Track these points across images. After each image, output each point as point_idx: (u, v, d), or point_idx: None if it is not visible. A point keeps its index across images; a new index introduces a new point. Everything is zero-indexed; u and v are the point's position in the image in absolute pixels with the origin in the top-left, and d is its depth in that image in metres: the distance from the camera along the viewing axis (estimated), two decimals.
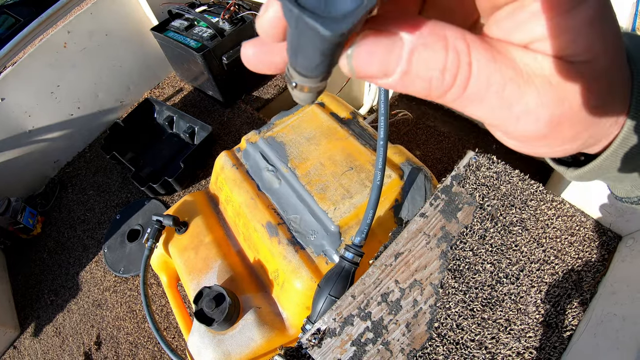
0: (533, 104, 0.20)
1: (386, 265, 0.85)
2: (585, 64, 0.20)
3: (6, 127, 2.58)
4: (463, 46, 0.19)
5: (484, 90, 0.19)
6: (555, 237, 0.86)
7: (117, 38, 2.91)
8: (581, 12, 0.19)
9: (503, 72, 0.19)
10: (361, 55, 0.20)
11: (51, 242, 2.68)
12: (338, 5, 0.18)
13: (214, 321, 1.17)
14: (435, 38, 0.19)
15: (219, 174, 1.57)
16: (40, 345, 2.32)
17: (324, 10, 0.18)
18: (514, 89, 0.19)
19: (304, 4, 0.18)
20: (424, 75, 0.19)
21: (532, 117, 0.20)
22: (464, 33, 0.19)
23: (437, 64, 0.19)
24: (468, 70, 0.19)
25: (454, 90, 0.20)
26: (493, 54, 0.20)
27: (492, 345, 0.78)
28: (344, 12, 0.18)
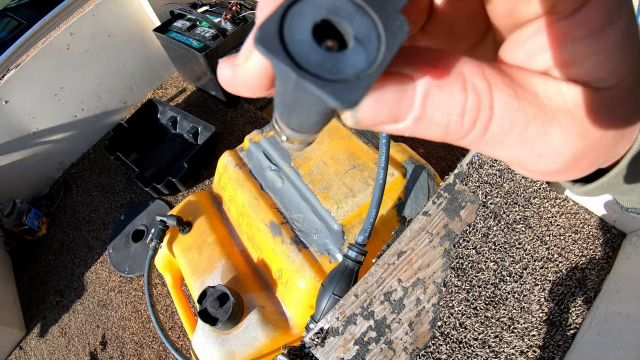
0: (556, 141, 0.18)
1: (389, 264, 0.85)
2: (610, 90, 0.18)
3: (10, 129, 2.59)
4: (484, 85, 0.17)
5: (506, 132, 0.18)
6: (559, 235, 0.86)
7: (119, 39, 2.92)
8: (612, 32, 0.17)
9: (527, 111, 0.17)
10: (368, 107, 0.17)
11: (56, 243, 2.70)
12: (348, 62, 0.15)
13: (218, 320, 1.17)
14: (452, 78, 0.17)
15: (222, 174, 1.57)
16: (46, 346, 2.33)
17: (331, 70, 0.15)
18: (537, 127, 0.18)
19: (305, 62, 0.15)
20: (440, 120, 0.17)
21: (554, 155, 0.19)
22: (482, 68, 0.17)
23: (455, 107, 0.17)
24: (489, 112, 0.17)
25: (472, 135, 0.18)
26: (516, 90, 0.17)
27: (495, 344, 0.77)
28: (355, 71, 0.15)
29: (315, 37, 0.15)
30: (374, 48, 0.15)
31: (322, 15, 0.15)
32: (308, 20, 0.15)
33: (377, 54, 0.15)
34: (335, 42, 0.16)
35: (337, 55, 0.15)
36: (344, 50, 0.15)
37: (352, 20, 0.15)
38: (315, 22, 0.15)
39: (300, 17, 0.15)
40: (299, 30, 0.15)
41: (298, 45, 0.15)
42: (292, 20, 0.15)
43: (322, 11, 0.15)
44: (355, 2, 0.15)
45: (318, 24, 0.15)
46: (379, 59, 0.15)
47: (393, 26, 0.15)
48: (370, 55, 0.15)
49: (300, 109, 0.18)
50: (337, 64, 0.15)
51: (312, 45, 0.15)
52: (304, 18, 0.15)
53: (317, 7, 0.15)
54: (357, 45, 0.15)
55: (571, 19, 0.17)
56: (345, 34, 0.16)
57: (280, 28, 0.15)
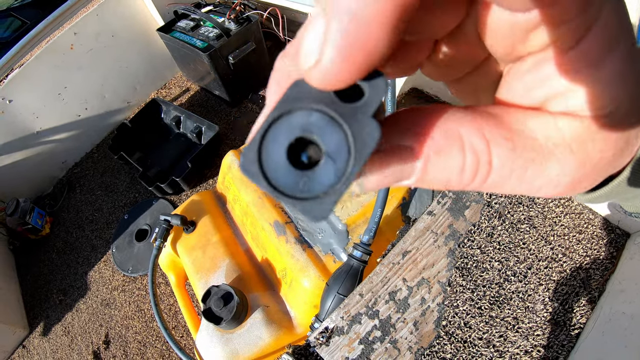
0: (554, 174, 0.19)
1: (394, 264, 0.85)
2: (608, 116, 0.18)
3: (14, 128, 2.60)
4: (482, 144, 0.18)
5: (505, 179, 0.18)
6: (563, 235, 0.86)
7: (123, 39, 2.92)
8: (611, 61, 0.17)
9: (525, 157, 0.18)
10: (372, 181, 0.18)
11: (60, 242, 2.70)
12: (318, 179, 0.16)
13: (222, 320, 1.17)
14: (449, 141, 0.18)
15: (226, 174, 1.58)
16: (49, 345, 2.34)
17: (303, 189, 0.16)
18: (535, 168, 0.18)
19: (280, 186, 0.16)
20: (441, 178, 0.18)
21: (552, 185, 0.19)
22: (480, 127, 0.18)
23: (454, 167, 0.18)
24: (488, 167, 0.18)
25: (472, 185, 0.19)
26: (514, 141, 0.18)
27: (500, 343, 0.78)
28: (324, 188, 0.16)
29: (290, 157, 0.16)
30: (343, 161, 0.16)
31: (295, 135, 0.16)
32: (283, 142, 0.16)
33: (345, 167, 0.16)
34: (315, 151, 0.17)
35: (309, 174, 0.16)
36: (315, 168, 0.16)
37: (324, 134, 0.16)
38: (290, 142, 0.16)
39: (275, 140, 0.16)
40: (275, 153, 0.16)
41: (274, 168, 0.16)
42: (269, 144, 0.17)
43: (296, 131, 0.16)
44: (327, 115, 0.16)
45: (293, 144, 0.16)
46: (347, 172, 0.16)
47: (363, 135, 0.16)
48: (339, 170, 0.16)
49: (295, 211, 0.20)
50: (309, 182, 0.16)
51: (286, 167, 0.16)
52: (279, 140, 0.16)
53: (291, 127, 0.16)
54: (327, 160, 0.16)
55: (570, 52, 0.17)
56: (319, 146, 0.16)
57: (259, 153, 0.17)
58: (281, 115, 0.16)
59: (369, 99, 0.16)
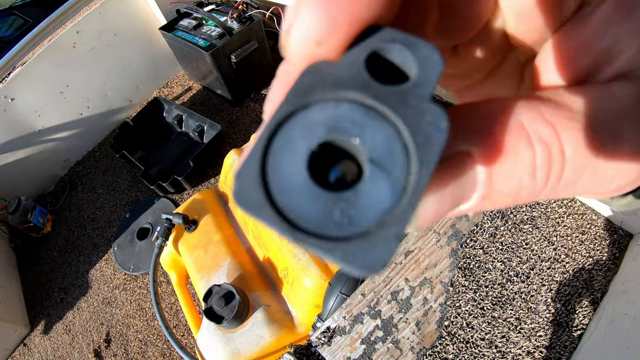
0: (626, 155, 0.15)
1: (396, 264, 0.85)
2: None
3: (16, 127, 2.60)
4: (549, 131, 0.14)
5: (579, 174, 0.15)
6: (566, 236, 0.86)
7: (125, 38, 2.92)
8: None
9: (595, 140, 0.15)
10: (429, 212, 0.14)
11: (61, 241, 2.70)
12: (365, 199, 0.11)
13: (224, 319, 1.17)
14: (514, 137, 0.14)
15: (228, 172, 1.58)
16: (50, 343, 2.34)
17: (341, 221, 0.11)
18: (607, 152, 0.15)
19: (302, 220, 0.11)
20: (509, 188, 0.15)
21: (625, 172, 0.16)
22: (539, 109, 0.14)
23: (525, 168, 0.14)
24: (562, 159, 0.14)
25: (547, 189, 0.15)
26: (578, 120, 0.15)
27: (502, 344, 0.77)
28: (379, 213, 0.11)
29: (313, 173, 0.11)
30: (400, 168, 0.11)
31: (319, 139, 0.11)
32: (300, 151, 0.11)
33: (407, 177, 0.11)
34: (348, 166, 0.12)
35: (348, 196, 0.11)
36: (356, 186, 0.11)
37: (363, 132, 0.11)
38: (311, 151, 0.11)
39: (288, 150, 0.11)
40: (288, 169, 0.11)
41: (290, 192, 0.11)
42: (278, 156, 0.11)
43: (319, 131, 0.11)
44: (364, 104, 0.11)
45: (315, 152, 0.11)
46: (412, 184, 0.11)
47: (423, 126, 0.11)
48: (396, 182, 0.11)
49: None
50: (349, 210, 0.11)
51: (309, 189, 0.11)
52: (294, 147, 0.11)
53: (310, 126, 0.11)
54: (374, 170, 0.11)
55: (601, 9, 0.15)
56: (356, 155, 0.11)
57: (262, 171, 0.11)
58: (293, 112, 0.11)
59: (421, 76, 0.11)
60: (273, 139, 0.11)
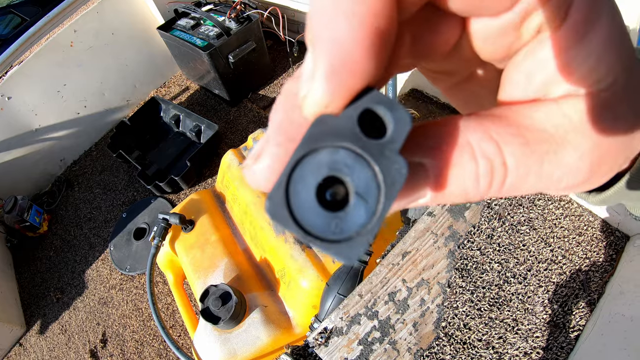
0: (572, 161, 0.18)
1: (393, 264, 0.85)
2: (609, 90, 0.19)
3: (13, 125, 2.60)
4: (492, 147, 0.17)
5: (523, 179, 0.18)
6: (562, 237, 0.86)
7: (123, 37, 2.92)
8: (597, 33, 0.18)
9: (538, 151, 0.18)
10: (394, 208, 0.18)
11: (57, 240, 2.70)
12: (350, 219, 0.16)
13: (220, 319, 1.17)
14: (459, 152, 0.17)
15: (225, 173, 1.57)
16: (46, 343, 2.33)
17: (335, 230, 0.16)
18: (551, 159, 0.18)
19: (312, 229, 0.16)
20: (458, 191, 0.18)
21: (572, 173, 0.19)
22: (487, 129, 0.18)
23: (469, 177, 0.18)
24: (503, 169, 0.18)
25: (492, 191, 0.18)
26: (524, 135, 0.18)
27: (499, 345, 0.77)
28: (357, 228, 0.16)
29: (319, 198, 0.16)
30: (373, 200, 0.16)
31: (323, 175, 0.16)
32: (311, 182, 0.16)
33: (376, 206, 0.16)
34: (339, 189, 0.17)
35: (340, 215, 0.16)
36: (345, 208, 0.16)
37: (352, 172, 0.16)
38: (318, 183, 0.16)
39: (303, 180, 0.16)
40: (304, 194, 0.16)
41: (304, 210, 0.16)
42: (297, 185, 0.16)
43: (324, 170, 0.16)
44: (354, 152, 0.16)
45: (321, 184, 0.16)
46: (379, 211, 0.16)
47: (391, 171, 0.16)
48: (370, 209, 0.16)
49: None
50: (341, 224, 0.16)
51: (316, 209, 0.16)
52: (307, 180, 0.16)
53: (319, 166, 0.16)
54: (357, 200, 0.16)
55: (559, 31, 0.18)
56: (347, 185, 0.16)
57: (287, 195, 0.16)
58: (307, 153, 0.16)
59: (395, 134, 0.16)
60: (293, 173, 0.16)
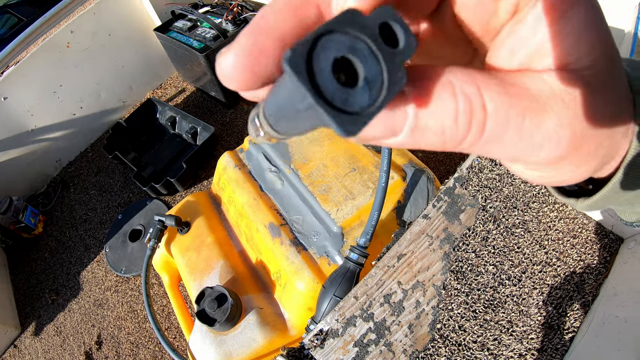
0: (552, 127, 0.19)
1: (389, 267, 0.85)
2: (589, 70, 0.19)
3: (8, 126, 2.59)
4: (472, 88, 0.18)
5: (503, 128, 0.18)
6: (557, 240, 0.86)
7: (120, 38, 2.92)
8: (576, 13, 0.18)
9: (520, 104, 0.18)
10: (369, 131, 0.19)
11: (53, 242, 2.69)
12: (356, 97, 0.17)
13: (216, 321, 1.17)
14: (440, 86, 0.18)
15: (221, 175, 1.57)
16: (41, 344, 2.32)
17: (342, 101, 0.17)
18: (532, 117, 0.18)
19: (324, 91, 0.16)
20: (436, 127, 0.18)
21: (553, 141, 0.19)
22: (471, 74, 0.18)
23: (447, 113, 0.18)
24: (483, 112, 0.18)
25: (470, 137, 0.19)
26: (505, 87, 0.18)
27: (494, 346, 0.78)
28: (359, 108, 0.17)
29: (334, 70, 0.17)
30: (377, 90, 0.17)
31: (343, 52, 0.17)
32: (331, 54, 0.17)
33: (378, 96, 0.17)
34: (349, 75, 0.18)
35: (349, 90, 0.17)
36: (354, 88, 0.17)
37: (366, 62, 0.17)
38: (336, 57, 0.17)
39: (325, 50, 0.17)
40: (323, 61, 0.17)
41: (319, 73, 0.17)
42: (319, 51, 0.17)
43: (344, 49, 0.17)
44: (371, 48, 0.17)
45: (338, 59, 0.17)
46: (379, 100, 0.17)
47: (396, 76, 0.17)
48: (373, 96, 0.17)
49: (295, 120, 0.19)
50: (348, 98, 0.17)
51: (330, 77, 0.17)
52: (328, 51, 0.17)
53: (341, 44, 0.17)
54: (365, 85, 0.17)
55: (536, 10, 0.19)
56: (358, 72, 0.17)
57: (309, 54, 0.17)
58: (333, 30, 0.17)
59: (405, 49, 0.18)
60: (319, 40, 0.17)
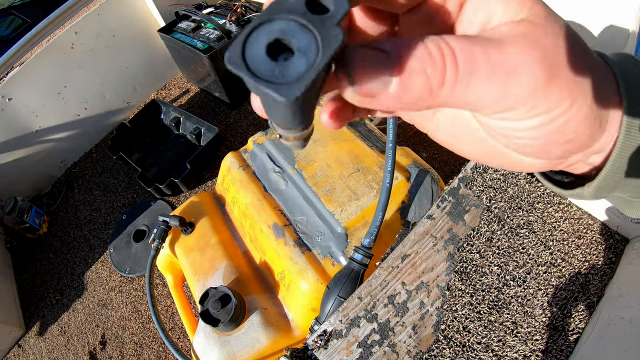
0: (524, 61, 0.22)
1: (393, 267, 0.85)
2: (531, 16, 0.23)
3: (13, 127, 2.60)
4: (438, 39, 0.22)
5: (472, 59, 0.21)
6: (562, 240, 0.86)
7: (124, 39, 2.92)
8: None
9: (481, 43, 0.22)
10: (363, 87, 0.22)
11: (57, 242, 2.70)
12: (291, 68, 0.19)
13: (220, 322, 1.17)
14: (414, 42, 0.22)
15: (225, 175, 1.58)
16: (45, 344, 2.33)
17: (278, 75, 0.19)
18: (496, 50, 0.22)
19: (259, 72, 0.19)
20: (417, 65, 0.21)
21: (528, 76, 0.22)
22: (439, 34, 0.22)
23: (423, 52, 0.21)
24: (451, 52, 0.21)
25: (449, 75, 0.21)
26: (468, 37, 0.22)
27: (498, 347, 0.78)
28: (297, 75, 0.19)
29: (269, 53, 0.20)
30: (313, 55, 0.19)
31: (273, 37, 0.20)
32: (263, 41, 0.20)
33: (315, 59, 0.19)
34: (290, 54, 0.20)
35: (284, 64, 0.20)
36: (288, 60, 0.20)
37: (296, 36, 0.20)
38: (268, 42, 0.20)
39: (257, 40, 0.20)
40: (256, 49, 0.20)
41: (255, 60, 0.20)
42: (251, 42, 0.20)
43: (274, 33, 0.20)
44: (300, 23, 0.20)
45: (272, 43, 0.20)
46: (316, 63, 0.19)
47: (329, 37, 0.19)
48: (309, 61, 0.19)
49: (271, 109, 0.23)
50: (284, 70, 0.19)
51: (264, 59, 0.20)
52: (260, 39, 0.20)
53: (271, 31, 0.20)
54: (299, 54, 0.20)
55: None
56: (292, 47, 0.20)
57: (243, 49, 0.20)
58: (262, 22, 0.20)
59: (334, 11, 0.20)
60: (250, 36, 0.20)
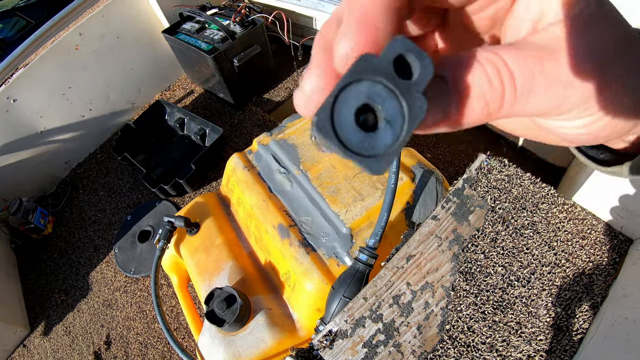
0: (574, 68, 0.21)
1: (398, 268, 0.86)
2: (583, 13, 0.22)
3: (18, 128, 2.61)
4: (492, 55, 0.21)
5: (529, 77, 0.21)
6: (566, 241, 0.86)
7: (128, 40, 2.93)
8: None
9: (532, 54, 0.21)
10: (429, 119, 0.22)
11: (62, 242, 2.71)
12: (379, 139, 0.20)
13: (225, 322, 1.18)
14: (469, 63, 0.21)
15: (230, 176, 1.58)
16: (50, 344, 2.34)
17: (367, 147, 0.20)
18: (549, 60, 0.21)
19: (349, 144, 0.20)
20: (476, 91, 0.21)
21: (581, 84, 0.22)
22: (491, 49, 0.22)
23: (481, 78, 0.21)
24: (507, 69, 0.21)
25: (508, 94, 0.21)
26: (516, 46, 0.22)
27: (503, 348, 0.78)
28: (384, 147, 0.20)
29: (357, 120, 0.20)
30: (398, 127, 0.20)
31: (362, 101, 0.20)
32: (352, 105, 0.20)
33: (400, 132, 0.20)
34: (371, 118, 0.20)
35: (372, 135, 0.20)
36: (376, 131, 0.20)
37: (384, 103, 0.20)
38: (357, 107, 0.20)
39: (346, 103, 0.20)
40: (345, 115, 0.20)
41: (344, 129, 0.20)
42: (340, 106, 0.20)
43: (363, 97, 0.20)
44: (388, 87, 0.20)
45: (360, 107, 0.20)
46: (402, 136, 0.20)
47: (415, 107, 0.20)
48: (395, 133, 0.20)
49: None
50: (372, 142, 0.20)
51: (354, 128, 0.20)
52: (348, 103, 0.20)
53: (359, 93, 0.20)
54: (386, 125, 0.20)
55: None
56: (378, 115, 0.20)
57: (332, 113, 0.20)
58: (350, 82, 0.19)
59: (420, 78, 0.20)
60: (338, 97, 0.19)
